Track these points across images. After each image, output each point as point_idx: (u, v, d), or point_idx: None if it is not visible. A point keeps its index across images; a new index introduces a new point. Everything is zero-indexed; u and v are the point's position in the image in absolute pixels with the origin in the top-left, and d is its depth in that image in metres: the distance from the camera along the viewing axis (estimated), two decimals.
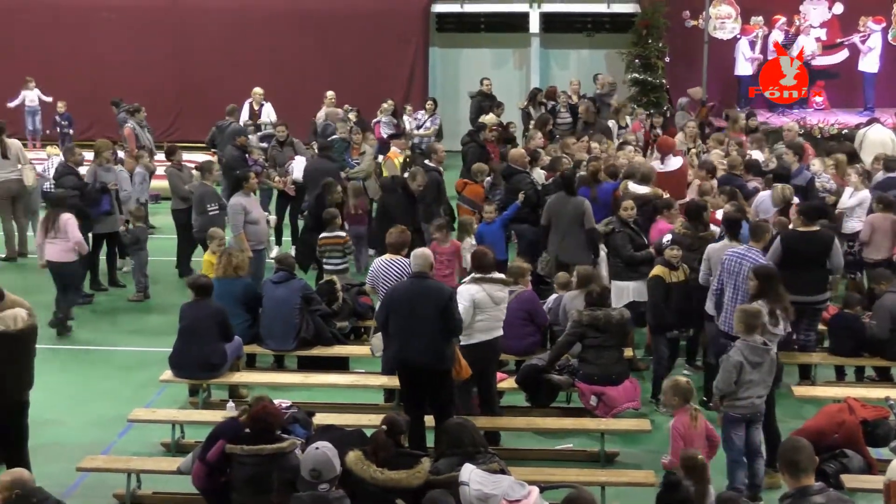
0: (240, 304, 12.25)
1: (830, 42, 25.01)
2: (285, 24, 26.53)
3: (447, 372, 10.15)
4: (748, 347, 9.35)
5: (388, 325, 10.25)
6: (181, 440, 10.77)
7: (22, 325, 9.36)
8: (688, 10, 25.54)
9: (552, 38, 27.56)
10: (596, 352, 10.91)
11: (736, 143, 17.66)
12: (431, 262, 10.32)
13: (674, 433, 9.01)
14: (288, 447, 8.37)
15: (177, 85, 26.80)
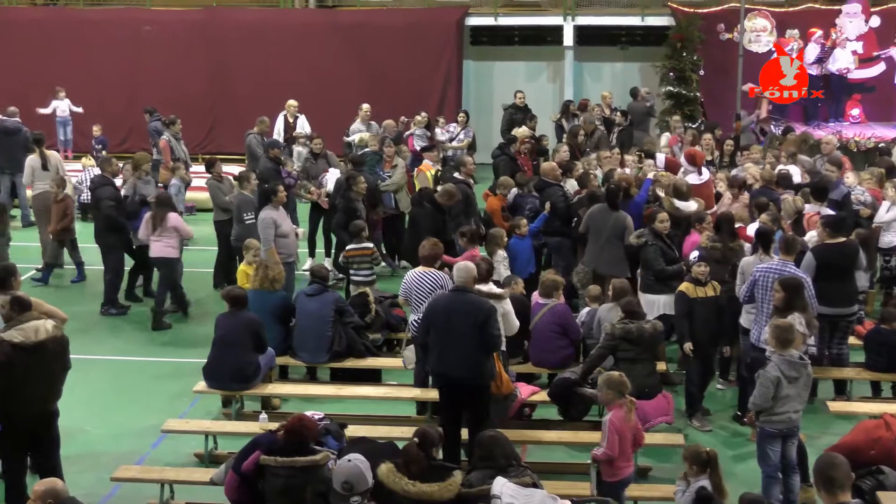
0: (275, 317, 12.29)
1: (867, 55, 24.82)
2: (320, 36, 26.65)
3: (485, 387, 10.15)
4: (785, 362, 9.33)
5: (427, 336, 10.22)
6: (214, 451, 10.82)
7: (44, 336, 9.33)
8: (723, 23, 25.45)
9: (586, 50, 27.54)
10: (629, 365, 10.85)
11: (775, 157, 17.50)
12: (474, 276, 10.31)
13: (610, 427, 9.14)
14: (321, 460, 8.38)
15: (212, 97, 26.97)
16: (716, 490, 8.12)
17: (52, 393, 9.61)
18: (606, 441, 9.14)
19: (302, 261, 16.69)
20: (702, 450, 8.42)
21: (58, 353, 9.50)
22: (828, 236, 12.20)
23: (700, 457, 8.33)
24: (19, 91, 25.57)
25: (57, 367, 9.53)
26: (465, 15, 27.15)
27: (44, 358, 9.38)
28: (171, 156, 19.84)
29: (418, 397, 11.64)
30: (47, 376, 9.48)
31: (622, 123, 22.50)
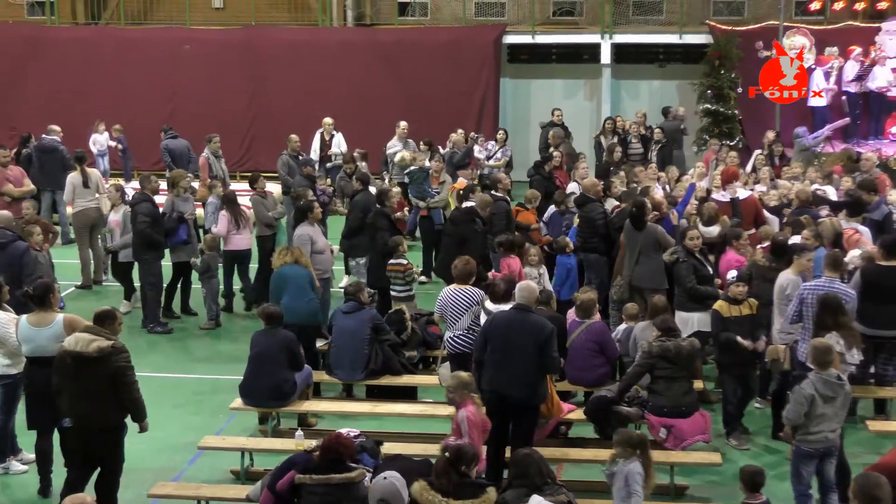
0: (311, 286, 13.16)
1: None
2: (359, 55, 26.78)
3: (536, 407, 10.13)
4: (821, 381, 9.27)
5: (483, 352, 10.18)
6: (250, 468, 10.85)
7: (89, 349, 9.45)
8: (761, 41, 25.32)
9: (623, 68, 27.51)
10: (666, 383, 10.81)
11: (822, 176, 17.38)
12: (537, 296, 10.33)
13: (469, 422, 9.37)
14: (357, 477, 8.40)
15: (251, 115, 27.14)
16: (647, 470, 8.64)
17: (97, 409, 9.58)
18: (469, 435, 9.27)
19: (338, 278, 16.74)
20: (633, 433, 8.88)
21: (104, 369, 9.49)
22: (881, 257, 12.05)
23: (631, 439, 8.73)
24: (60, 109, 25.78)
25: (102, 383, 9.52)
26: (502, 33, 27.21)
27: (87, 370, 9.46)
28: (208, 173, 19.97)
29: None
30: (91, 390, 9.51)
31: (661, 141, 22.44)
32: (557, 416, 10.86)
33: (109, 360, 9.51)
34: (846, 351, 9.83)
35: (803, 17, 26.57)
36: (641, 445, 8.86)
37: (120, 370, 9.57)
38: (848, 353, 9.82)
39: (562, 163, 19.44)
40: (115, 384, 9.55)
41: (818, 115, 24.68)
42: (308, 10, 28.95)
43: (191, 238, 16.33)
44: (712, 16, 27.51)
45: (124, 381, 9.61)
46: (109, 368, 9.51)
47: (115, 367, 9.53)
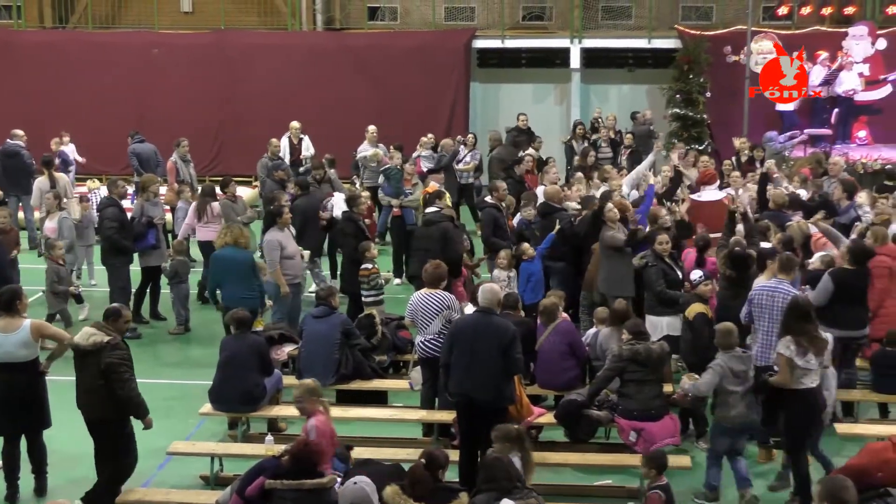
0: (251, 270, 13.52)
1: (873, 77, 24.86)
2: (329, 59, 26.75)
3: (504, 410, 10.14)
4: (729, 358, 10.24)
5: (450, 356, 10.18)
6: (220, 473, 10.81)
7: (84, 343, 9.74)
8: (729, 46, 25.51)
9: (593, 73, 27.61)
10: (636, 386, 10.84)
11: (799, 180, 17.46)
12: (499, 299, 10.33)
13: (317, 431, 9.33)
14: (328, 482, 8.38)
15: (220, 119, 27.07)
16: (525, 466, 8.75)
17: (92, 401, 9.81)
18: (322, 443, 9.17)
19: (308, 283, 16.70)
20: (511, 427, 8.97)
21: (98, 363, 9.69)
22: (847, 263, 12.15)
23: (510, 434, 8.86)
24: (28, 114, 25.67)
25: (97, 377, 9.71)
26: (472, 37, 27.25)
27: (85, 363, 9.77)
28: (175, 178, 19.89)
29: (424, 419, 11.63)
30: (88, 383, 9.77)
31: (630, 146, 22.53)
32: (527, 417, 10.86)
33: (102, 354, 9.68)
34: (800, 357, 9.89)
35: (771, 22, 26.78)
36: (520, 440, 8.95)
37: (111, 366, 9.71)
38: (803, 359, 9.89)
39: (532, 167, 19.46)
40: (106, 379, 9.69)
41: (787, 119, 24.89)
42: (277, 14, 28.90)
43: (160, 243, 16.24)
44: (681, 21, 27.71)
45: (116, 376, 9.73)
46: (102, 363, 9.67)
47: (107, 363, 9.68)
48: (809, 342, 9.90)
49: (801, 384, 9.92)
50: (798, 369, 9.84)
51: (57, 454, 10.68)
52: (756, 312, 11.17)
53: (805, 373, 9.86)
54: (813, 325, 10.12)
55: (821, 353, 10.00)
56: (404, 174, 19.01)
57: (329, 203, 17.63)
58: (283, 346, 13.11)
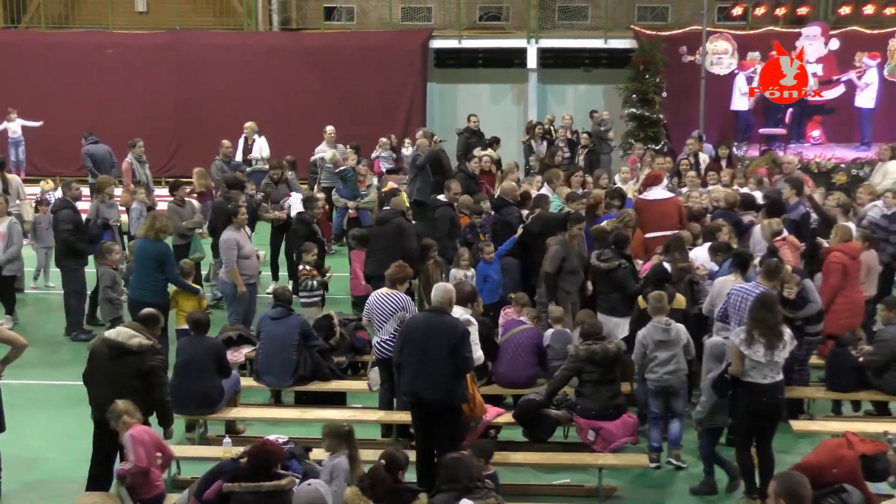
0: (157, 263, 13.37)
1: (827, 78, 25.07)
2: (285, 59, 26.68)
3: (457, 409, 10.13)
4: (654, 328, 10.97)
5: (402, 355, 10.16)
6: (177, 476, 10.73)
7: (131, 342, 9.75)
8: (685, 46, 25.67)
9: (549, 73, 27.71)
10: (594, 386, 10.88)
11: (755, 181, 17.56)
12: (451, 298, 10.31)
13: (133, 440, 9.18)
14: (286, 484, 8.34)
15: (176, 120, 26.91)
16: (352, 463, 8.86)
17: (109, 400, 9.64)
18: (134, 454, 9.16)
19: (265, 284, 16.62)
20: (341, 426, 9.13)
21: (138, 365, 9.73)
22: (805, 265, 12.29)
23: (339, 432, 9.01)
24: None
25: (132, 379, 9.70)
26: (429, 38, 27.27)
27: (119, 362, 9.74)
28: (131, 179, 19.75)
29: (383, 420, 11.61)
30: (119, 383, 9.67)
31: (588, 145, 22.61)
32: (480, 416, 10.84)
33: (146, 357, 9.74)
34: (746, 347, 10.05)
35: (726, 22, 27.00)
36: (349, 438, 9.03)
37: (154, 369, 9.80)
38: (749, 349, 10.01)
39: (491, 168, 19.45)
40: (147, 382, 9.74)
41: (741, 119, 25.07)
42: (233, 14, 28.78)
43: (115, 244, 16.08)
44: (637, 21, 27.86)
45: (157, 381, 9.83)
46: (144, 366, 9.71)
47: (150, 366, 9.76)
48: (762, 334, 9.97)
49: (748, 377, 9.99)
50: (748, 360, 9.93)
51: (12, 458, 10.55)
52: (731, 311, 11.26)
53: (753, 365, 9.93)
54: (773, 317, 10.19)
55: (772, 346, 10.08)
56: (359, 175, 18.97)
57: (286, 203, 17.58)
58: (240, 348, 13.04)
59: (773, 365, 10.00)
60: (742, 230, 14.45)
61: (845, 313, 12.85)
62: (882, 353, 11.82)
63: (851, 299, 12.85)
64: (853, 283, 12.99)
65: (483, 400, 11.10)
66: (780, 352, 10.02)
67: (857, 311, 13.09)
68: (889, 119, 24.93)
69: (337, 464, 8.84)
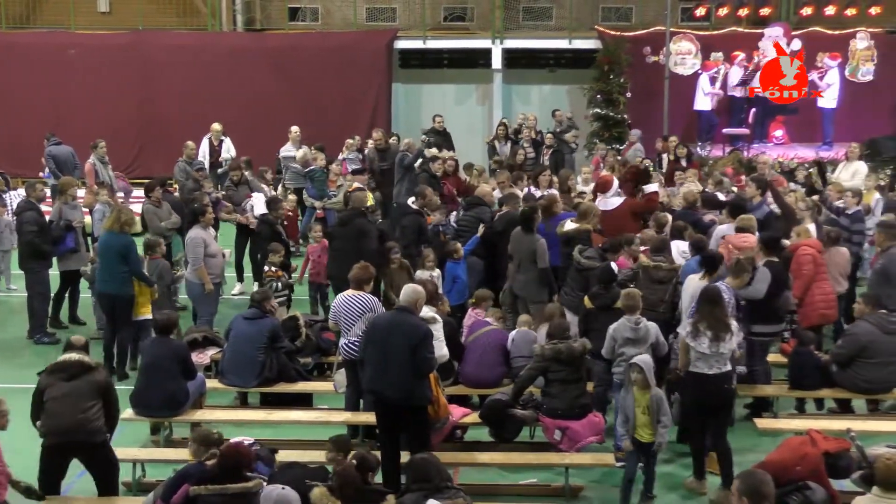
0: (120, 256, 13.63)
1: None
2: (249, 59, 26.61)
3: (420, 409, 10.12)
4: (625, 326, 10.95)
5: (365, 353, 10.15)
6: (142, 479, 10.68)
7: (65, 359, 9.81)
8: (649, 47, 25.82)
9: (514, 73, 27.77)
10: (560, 386, 10.88)
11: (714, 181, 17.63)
12: (420, 299, 10.31)
13: None
14: (254, 487, 8.32)
15: (140, 120, 26.77)
16: None
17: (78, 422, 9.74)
18: None
19: (230, 285, 16.55)
20: (211, 432, 9.22)
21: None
22: (764, 255, 12.36)
23: (208, 438, 9.09)
24: None
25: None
26: (394, 38, 27.28)
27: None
28: (94, 179, 19.62)
29: (349, 421, 11.59)
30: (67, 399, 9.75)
31: (552, 145, 22.67)
32: (445, 417, 10.84)
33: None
34: (692, 339, 10.32)
35: (689, 23, 27.16)
36: (218, 444, 9.03)
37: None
38: (695, 342, 10.28)
39: (455, 170, 19.45)
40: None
41: (704, 119, 25.23)
42: (197, 14, 28.65)
43: (79, 246, 15.98)
44: (601, 22, 27.98)
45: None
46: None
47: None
48: (708, 326, 10.26)
49: (695, 367, 10.34)
50: (693, 352, 10.28)
51: None
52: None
53: (699, 356, 10.29)
54: (719, 310, 10.46)
55: (718, 338, 10.27)
56: (329, 175, 18.98)
57: (248, 204, 17.51)
58: (206, 350, 13.01)
59: (718, 356, 10.31)
60: (702, 229, 14.53)
61: (822, 304, 13.05)
62: (848, 347, 11.94)
63: (826, 291, 12.97)
64: (824, 277, 13.12)
65: (448, 401, 11.12)
66: (725, 343, 10.32)
67: (832, 303, 13.25)
68: (850, 119, 25.18)
69: None
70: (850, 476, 9.61)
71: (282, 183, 20.79)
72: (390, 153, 20.42)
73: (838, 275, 13.80)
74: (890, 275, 13.21)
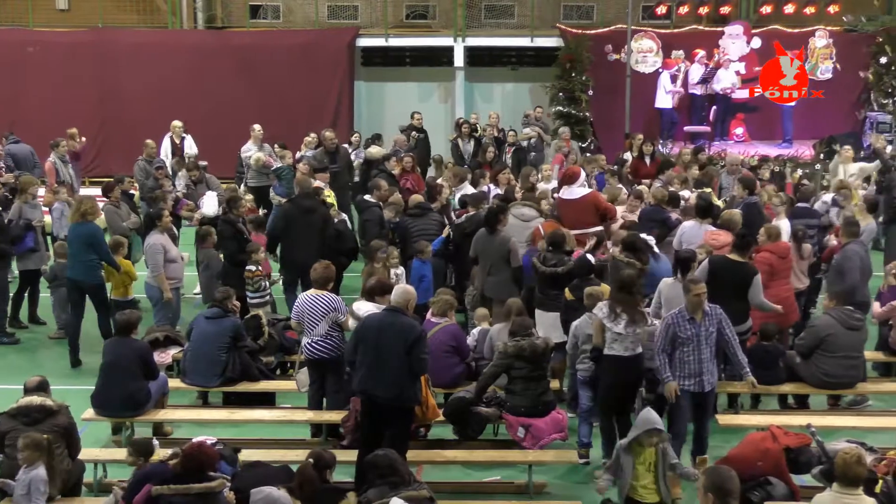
0: (87, 245, 14.05)
1: (749, 75, 25.43)
2: (211, 58, 26.43)
3: (409, 409, 10.11)
4: (586, 322, 11.13)
5: (355, 353, 10.10)
6: (103, 479, 10.61)
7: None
8: (610, 45, 25.88)
9: (477, 71, 27.77)
10: (523, 383, 10.89)
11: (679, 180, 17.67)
12: (411, 300, 10.29)
13: None
14: (217, 486, 8.29)
15: (100, 119, 26.52)
16: (50, 473, 8.93)
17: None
18: None
19: (189, 286, 16.45)
20: (39, 437, 9.10)
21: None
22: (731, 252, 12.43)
23: (38, 444, 8.98)
24: None
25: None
26: (356, 36, 27.19)
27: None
28: (55, 178, 19.46)
29: (313, 420, 11.57)
30: None
31: (515, 143, 22.67)
32: (432, 419, 10.87)
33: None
34: (610, 320, 10.61)
35: (650, 20, 27.27)
36: (50, 450, 9.06)
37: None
38: (612, 323, 10.58)
39: (413, 166, 19.41)
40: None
41: (665, 117, 25.32)
42: (157, 12, 28.46)
43: (38, 246, 15.84)
44: (562, 20, 28.05)
45: None
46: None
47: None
48: (624, 310, 10.58)
49: (611, 349, 10.65)
50: (610, 332, 10.59)
51: None
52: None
53: (615, 338, 10.59)
54: (632, 298, 10.78)
55: (634, 322, 10.59)
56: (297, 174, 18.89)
57: (201, 201, 17.37)
58: (167, 349, 12.95)
59: (634, 337, 10.65)
60: (670, 227, 14.61)
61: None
62: (808, 339, 12.06)
63: (779, 297, 12.94)
64: (781, 282, 13.12)
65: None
66: (641, 325, 10.68)
67: (790, 307, 13.17)
68: (809, 116, 25.36)
69: (34, 476, 8.84)
70: (810, 471, 9.72)
71: (244, 181, 20.67)
72: (341, 156, 20.35)
73: (800, 272, 13.89)
74: (844, 270, 13.35)
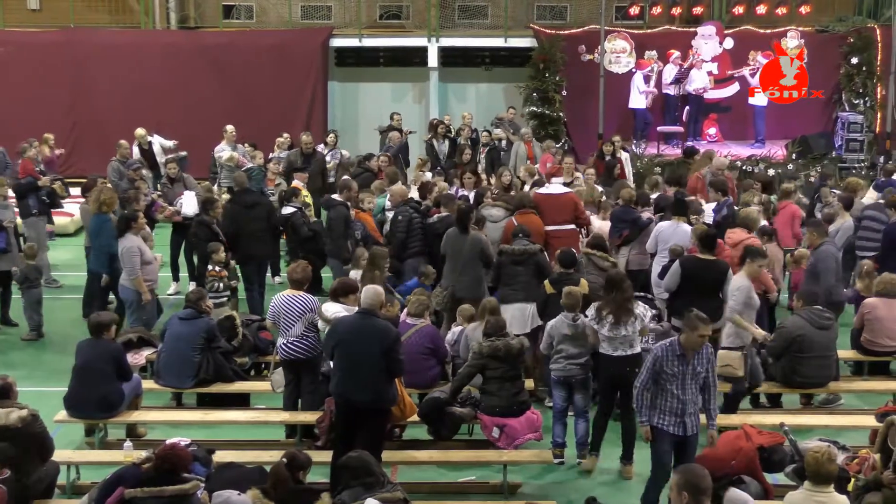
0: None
1: (722, 76, 25.58)
2: (184, 58, 26.32)
3: (386, 411, 10.11)
4: (563, 322, 11.25)
5: (332, 357, 10.09)
6: (77, 481, 10.55)
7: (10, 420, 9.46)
8: (584, 45, 25.95)
9: (451, 72, 27.79)
10: (498, 383, 10.89)
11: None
12: (381, 301, 10.28)
13: None
14: (191, 489, 8.25)
15: (72, 119, 26.37)
16: None
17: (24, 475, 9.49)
18: None
19: (164, 286, 16.39)
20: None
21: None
22: (699, 251, 12.52)
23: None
24: None
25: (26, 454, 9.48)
26: (329, 36, 27.15)
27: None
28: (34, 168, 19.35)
29: (287, 421, 11.54)
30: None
31: (489, 143, 22.68)
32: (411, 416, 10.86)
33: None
34: (595, 322, 10.92)
35: (624, 21, 27.37)
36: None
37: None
38: (597, 324, 10.89)
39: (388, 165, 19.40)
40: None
41: (639, 117, 25.42)
42: (129, 12, 28.32)
43: (10, 247, 15.73)
44: (536, 20, 28.11)
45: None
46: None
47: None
48: (610, 312, 10.83)
49: (602, 348, 10.98)
50: (600, 333, 10.90)
51: None
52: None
53: (604, 339, 10.89)
54: (620, 295, 10.92)
55: (619, 322, 10.82)
56: (268, 174, 18.88)
57: (178, 202, 17.31)
58: (141, 351, 12.88)
59: (622, 338, 10.85)
60: (641, 227, 14.66)
61: None
62: (779, 340, 12.11)
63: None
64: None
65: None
66: (629, 326, 10.85)
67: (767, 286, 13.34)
68: (781, 116, 25.51)
69: None
70: (783, 470, 9.78)
71: (217, 182, 20.61)
72: (316, 160, 20.33)
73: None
74: (818, 272, 13.44)
